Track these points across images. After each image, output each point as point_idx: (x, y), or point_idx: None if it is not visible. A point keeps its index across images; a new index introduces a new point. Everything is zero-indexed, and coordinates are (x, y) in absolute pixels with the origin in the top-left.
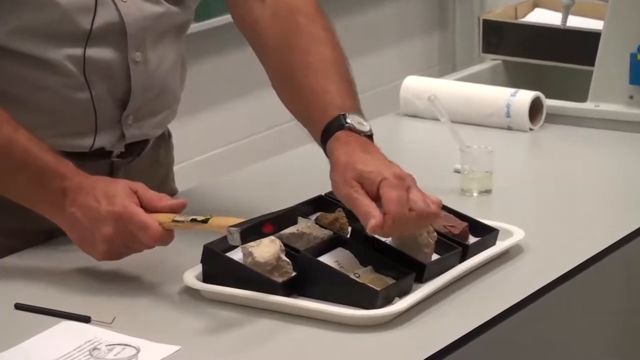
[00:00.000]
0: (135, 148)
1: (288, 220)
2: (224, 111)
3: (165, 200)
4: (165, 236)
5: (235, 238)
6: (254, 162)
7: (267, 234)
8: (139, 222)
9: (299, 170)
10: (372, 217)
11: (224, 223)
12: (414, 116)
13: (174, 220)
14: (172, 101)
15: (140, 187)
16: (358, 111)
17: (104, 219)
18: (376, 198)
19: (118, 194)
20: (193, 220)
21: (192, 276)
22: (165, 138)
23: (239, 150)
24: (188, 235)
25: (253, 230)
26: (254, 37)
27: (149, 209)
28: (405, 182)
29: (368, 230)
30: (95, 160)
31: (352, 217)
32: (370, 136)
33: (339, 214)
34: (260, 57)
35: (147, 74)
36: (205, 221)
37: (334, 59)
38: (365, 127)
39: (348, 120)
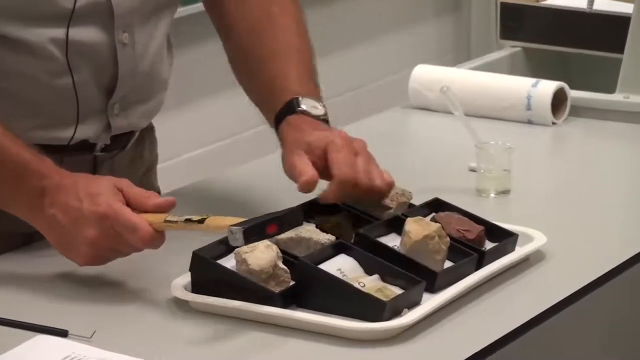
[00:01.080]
0: (120, 140)
1: (294, 220)
2: (213, 104)
3: (153, 198)
4: (156, 238)
5: (237, 238)
6: (247, 160)
7: (272, 234)
8: (127, 223)
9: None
10: (304, 174)
11: (222, 223)
12: (424, 109)
13: (166, 221)
14: (160, 88)
15: (125, 184)
16: (315, 96)
17: (87, 220)
18: (324, 167)
19: (102, 192)
20: (188, 220)
21: (180, 285)
22: (150, 130)
23: (230, 148)
24: (178, 240)
25: (257, 229)
26: (220, 16)
27: (134, 208)
28: (352, 145)
29: (298, 188)
30: (76, 155)
31: (356, 220)
32: (325, 120)
33: (342, 217)
34: (225, 38)
35: (135, 57)
36: (201, 221)
37: (300, 48)
38: (319, 110)
39: (301, 105)
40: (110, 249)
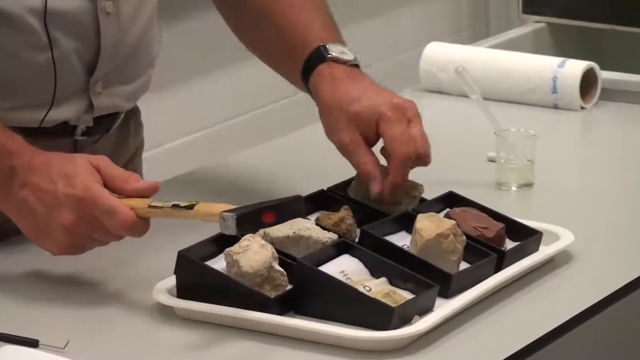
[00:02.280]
0: (103, 123)
1: (294, 209)
2: (203, 87)
3: (133, 181)
4: (139, 224)
5: (229, 225)
6: (240, 149)
7: (268, 224)
8: (105, 206)
9: (295, 159)
10: (374, 181)
11: (213, 209)
12: (438, 92)
13: (150, 206)
14: (147, 66)
15: (103, 162)
16: (341, 42)
17: (61, 203)
18: (375, 138)
19: (78, 173)
20: (175, 206)
21: (164, 290)
22: (135, 112)
23: (222, 135)
24: (165, 237)
25: (252, 217)
26: None
27: (113, 190)
28: (404, 112)
29: (372, 196)
30: (55, 139)
31: (361, 217)
32: (356, 65)
33: (345, 212)
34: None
35: (120, 28)
36: (190, 207)
37: (316, 2)
38: (349, 55)
39: (331, 52)
40: (88, 237)
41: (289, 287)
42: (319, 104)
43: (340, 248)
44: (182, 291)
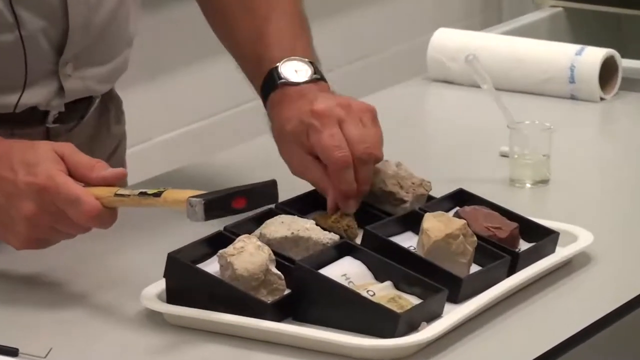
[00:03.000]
0: (77, 109)
1: (267, 195)
2: (194, 76)
3: (98, 169)
4: (104, 214)
5: (197, 212)
6: (234, 144)
7: (239, 210)
8: (69, 195)
9: None
10: (326, 195)
11: (183, 196)
12: (447, 82)
13: (116, 194)
14: (122, 46)
15: (68, 150)
16: (302, 51)
17: (23, 193)
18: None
19: (40, 161)
20: (142, 193)
21: (153, 295)
22: (115, 99)
23: (214, 129)
24: (153, 237)
25: (221, 203)
26: None
27: (78, 179)
28: (331, 116)
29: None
30: (25, 127)
31: (364, 216)
32: (316, 80)
33: (343, 211)
34: None
35: (89, 6)
36: (157, 194)
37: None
38: (303, 73)
39: (282, 74)
40: (51, 228)
41: (287, 291)
42: (273, 134)
43: (342, 250)
44: (172, 296)
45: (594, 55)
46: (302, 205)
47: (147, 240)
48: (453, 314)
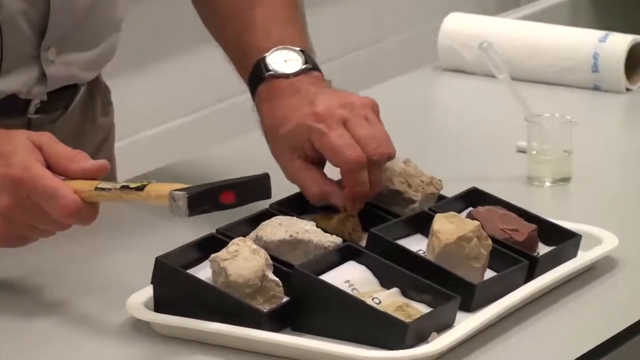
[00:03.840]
0: (60, 98)
1: (259, 189)
2: (187, 66)
3: (79, 160)
4: (84, 209)
5: (180, 206)
6: (229, 138)
7: (228, 205)
8: (46, 189)
9: None
10: (331, 197)
11: (167, 190)
12: (459, 71)
13: (96, 188)
14: (109, 29)
15: (46, 139)
16: (291, 39)
17: None
18: (318, 154)
19: (16, 150)
20: (124, 187)
21: (139, 303)
22: (102, 88)
23: (208, 122)
24: (140, 239)
25: (207, 197)
26: None
27: (57, 172)
28: (334, 118)
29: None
30: (4, 118)
31: (369, 217)
32: (308, 69)
33: (348, 211)
34: None
35: None
36: (140, 188)
37: None
38: (293, 64)
39: (270, 66)
40: (27, 225)
41: (285, 299)
42: (263, 132)
43: (345, 254)
44: (161, 304)
45: (620, 42)
46: (301, 206)
47: (133, 242)
48: (466, 323)
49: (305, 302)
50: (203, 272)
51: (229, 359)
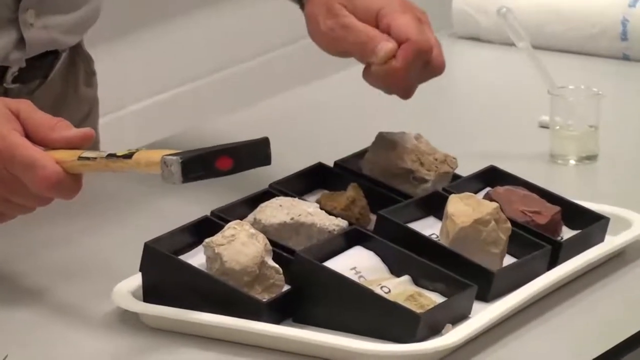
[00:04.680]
0: (40, 66)
1: (258, 155)
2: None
3: (60, 128)
4: (66, 181)
5: (173, 172)
6: (222, 112)
7: (225, 171)
8: (25, 159)
9: (290, 126)
10: (381, 40)
11: (158, 156)
12: (475, 39)
13: (80, 158)
14: None
15: (24, 107)
16: None
17: None
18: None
19: None
20: (110, 155)
21: (126, 292)
22: (84, 56)
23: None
24: (127, 221)
25: (201, 161)
26: None
27: (37, 142)
28: (413, 11)
29: (378, 58)
30: None
31: (378, 198)
32: None
33: (355, 192)
34: None
35: None
36: (128, 156)
37: None
38: None
39: None
40: (3, 200)
41: (286, 288)
42: (307, 5)
43: (351, 238)
44: (150, 293)
45: None
46: (304, 185)
47: (119, 221)
48: (483, 314)
49: (307, 291)
50: (196, 258)
51: (224, 353)
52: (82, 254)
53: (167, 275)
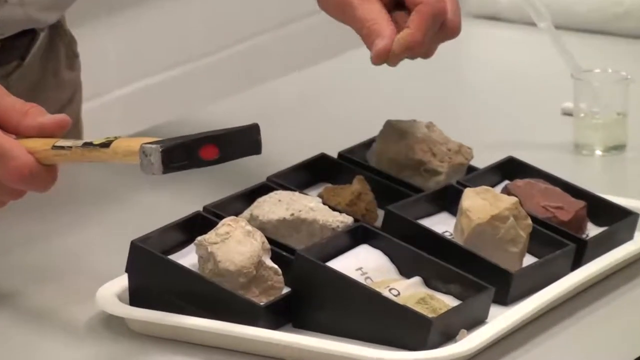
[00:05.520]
0: (16, 46)
1: (246, 143)
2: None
3: (33, 115)
4: (40, 173)
5: (152, 162)
6: (213, 98)
7: (210, 161)
8: None
9: (291, 112)
10: (380, 37)
11: (137, 144)
12: (493, 19)
13: (54, 147)
14: None
15: None
16: None
17: None
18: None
19: None
20: (87, 144)
21: (111, 294)
22: (66, 37)
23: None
24: (112, 217)
25: (183, 150)
26: None
27: (7, 129)
28: None
29: (372, 57)
30: None
31: (386, 192)
32: None
33: (361, 185)
34: None
35: None
36: (106, 145)
37: None
38: None
39: None
40: None
41: (286, 290)
42: None
43: (357, 236)
44: (137, 296)
45: None
46: (305, 178)
47: (103, 217)
48: (501, 319)
49: (309, 294)
50: (187, 258)
51: None
52: (62, 253)
53: (156, 277)
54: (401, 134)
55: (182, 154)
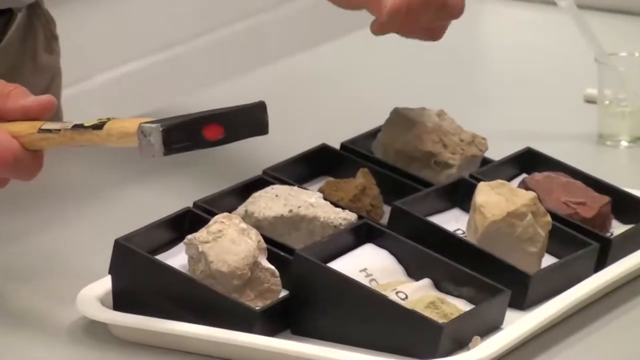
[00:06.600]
0: None
1: (253, 122)
2: None
3: (16, 96)
4: (25, 158)
5: (152, 143)
6: (203, 84)
7: (214, 142)
8: None
9: (289, 98)
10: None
11: (133, 125)
12: None
13: (40, 130)
14: None
15: None
16: None
17: None
18: None
19: None
20: (77, 127)
21: (93, 298)
22: (44, 17)
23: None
24: (95, 211)
25: (186, 129)
26: None
27: None
28: None
29: (376, 25)
30: None
31: (392, 186)
32: None
33: (365, 179)
34: None
35: None
36: (98, 126)
37: None
38: None
39: None
40: None
41: (284, 293)
42: None
43: (362, 234)
44: (121, 299)
45: None
46: (304, 171)
47: (85, 217)
48: (517, 325)
49: (308, 298)
50: (177, 258)
51: None
52: (39, 252)
53: (142, 279)
54: (409, 123)
55: (184, 133)
